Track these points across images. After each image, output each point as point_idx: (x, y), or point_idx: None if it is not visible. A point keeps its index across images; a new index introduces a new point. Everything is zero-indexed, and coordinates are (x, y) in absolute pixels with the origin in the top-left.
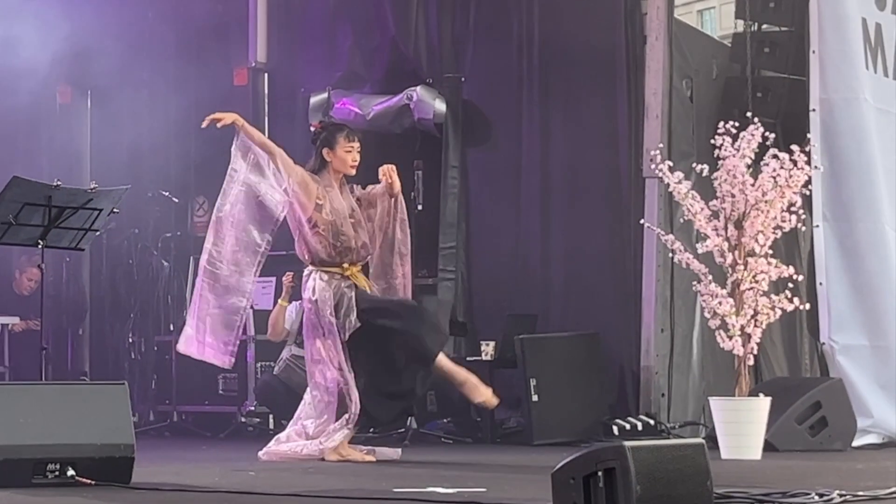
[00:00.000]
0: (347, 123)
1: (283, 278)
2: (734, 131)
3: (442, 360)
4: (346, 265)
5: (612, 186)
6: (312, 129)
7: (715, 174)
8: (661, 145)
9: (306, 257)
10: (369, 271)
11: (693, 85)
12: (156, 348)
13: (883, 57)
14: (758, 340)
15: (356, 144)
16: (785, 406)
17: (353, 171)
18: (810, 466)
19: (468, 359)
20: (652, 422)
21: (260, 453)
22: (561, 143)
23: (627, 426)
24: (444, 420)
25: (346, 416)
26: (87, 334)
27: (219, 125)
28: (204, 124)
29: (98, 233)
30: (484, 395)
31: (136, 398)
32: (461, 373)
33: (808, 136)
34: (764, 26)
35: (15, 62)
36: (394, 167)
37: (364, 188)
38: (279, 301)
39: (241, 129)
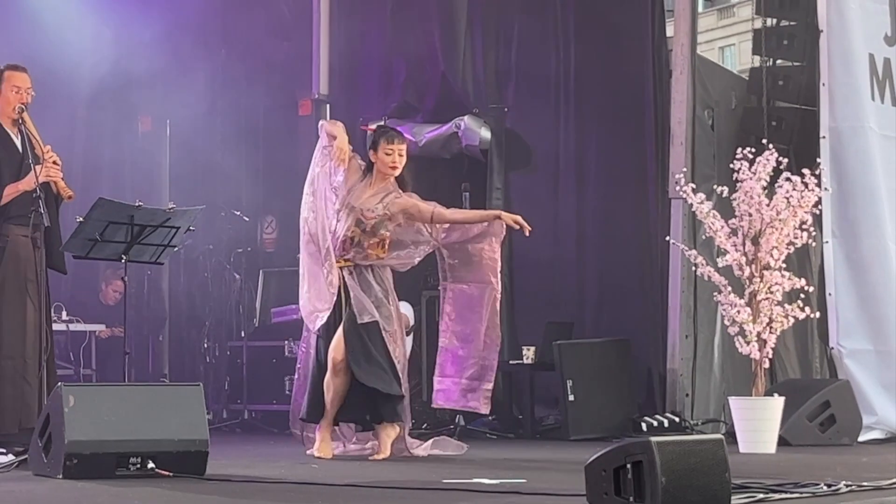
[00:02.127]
0: None
1: None
2: (751, 156)
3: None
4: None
5: (641, 206)
6: (368, 132)
7: (734, 195)
8: (685, 169)
9: None
10: None
11: (714, 115)
12: (228, 353)
13: (891, 88)
14: (773, 345)
15: (397, 146)
16: (797, 405)
17: (394, 172)
18: (820, 460)
19: (511, 362)
20: (676, 419)
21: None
22: (594, 167)
23: (654, 423)
24: (489, 417)
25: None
26: (167, 340)
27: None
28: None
29: (176, 248)
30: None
31: (210, 398)
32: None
33: (818, 160)
34: (778, 61)
35: (102, 95)
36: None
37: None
38: None
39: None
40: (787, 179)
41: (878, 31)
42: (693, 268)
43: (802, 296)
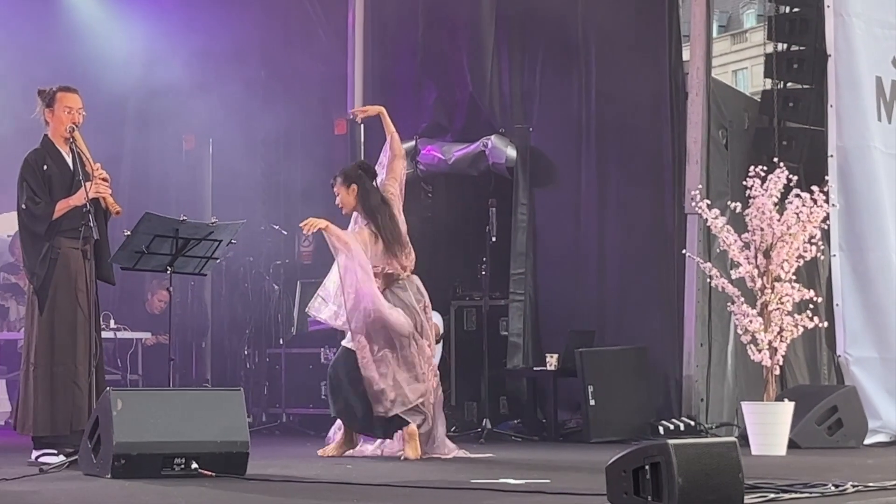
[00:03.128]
0: (432, 167)
1: None
2: (763, 174)
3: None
4: None
5: (658, 221)
6: None
7: (746, 211)
8: (700, 186)
9: None
10: None
11: (728, 134)
12: (267, 359)
13: None
14: (783, 353)
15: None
16: (806, 410)
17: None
18: (828, 461)
19: (535, 368)
20: (692, 423)
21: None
22: (614, 184)
23: (671, 426)
24: (515, 421)
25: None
26: (209, 347)
27: (361, 116)
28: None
29: (218, 260)
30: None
31: (251, 402)
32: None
33: (826, 178)
34: (789, 84)
35: (148, 116)
36: None
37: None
38: None
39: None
40: (797, 196)
41: (886, 56)
42: (708, 279)
43: (811, 306)
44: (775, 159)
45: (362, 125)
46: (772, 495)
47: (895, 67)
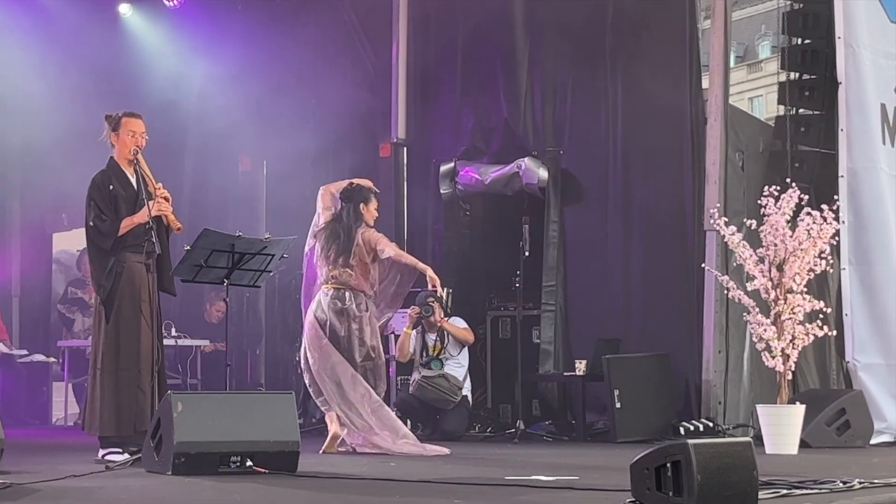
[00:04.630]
0: (470, 187)
1: (409, 310)
2: (776, 194)
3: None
4: None
5: (679, 237)
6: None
7: (761, 228)
8: (718, 205)
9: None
10: None
11: (744, 157)
12: None
13: None
14: (795, 360)
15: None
16: (816, 412)
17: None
18: (836, 460)
19: (565, 374)
20: (710, 424)
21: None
22: (639, 203)
23: (691, 427)
24: (546, 422)
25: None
26: (263, 354)
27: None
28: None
29: (271, 273)
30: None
31: (301, 405)
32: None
33: (836, 197)
34: (801, 110)
35: (207, 139)
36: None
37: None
38: (405, 329)
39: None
40: (808, 214)
41: (889, 84)
42: (725, 291)
43: (821, 316)
44: (788, 180)
45: (405, 149)
46: (784, 491)
47: None
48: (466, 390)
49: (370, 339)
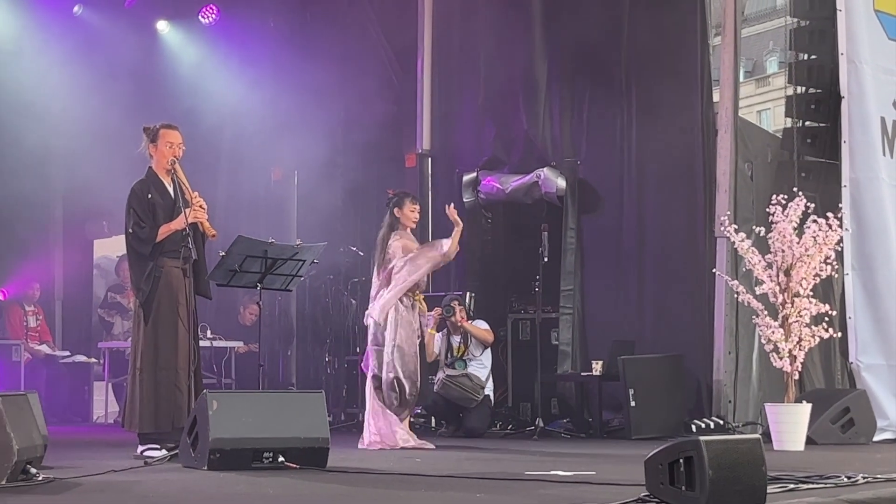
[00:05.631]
0: (491, 196)
1: (433, 312)
2: (784, 202)
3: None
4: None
5: (691, 244)
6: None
7: (769, 235)
8: (728, 213)
9: None
10: None
11: (753, 167)
12: (345, 365)
13: None
14: (801, 360)
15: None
16: (822, 410)
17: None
18: (841, 456)
19: (582, 374)
20: (721, 422)
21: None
22: (652, 211)
23: (702, 425)
24: (564, 420)
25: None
26: (294, 355)
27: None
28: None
29: (302, 278)
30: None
31: (331, 403)
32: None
33: (840, 206)
34: (807, 123)
35: (241, 150)
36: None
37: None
38: (429, 330)
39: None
40: (814, 221)
41: (888, 98)
42: (735, 295)
43: (827, 319)
44: (795, 189)
45: (430, 159)
46: (792, 486)
47: (895, 108)
48: (488, 389)
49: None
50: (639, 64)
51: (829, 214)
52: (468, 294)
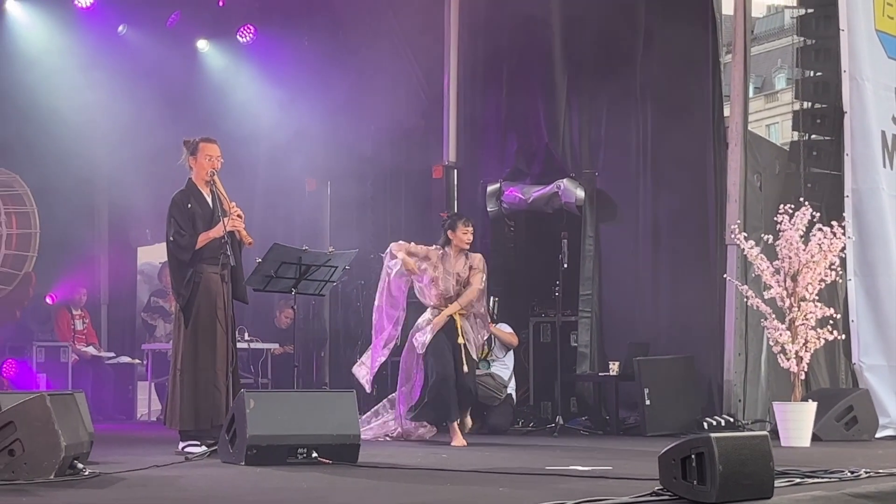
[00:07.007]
0: (514, 206)
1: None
2: (791, 212)
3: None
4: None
5: (703, 251)
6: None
7: (777, 242)
8: (738, 221)
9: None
10: None
11: (761, 178)
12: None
13: None
14: (807, 361)
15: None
16: (827, 408)
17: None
18: (845, 452)
19: (600, 374)
20: (731, 420)
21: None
22: (666, 220)
23: (713, 422)
24: (583, 418)
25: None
26: (327, 356)
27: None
28: None
29: (335, 283)
30: None
31: (362, 402)
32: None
33: (844, 215)
34: (813, 136)
35: (277, 161)
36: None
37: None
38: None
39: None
40: (820, 230)
41: (888, 113)
42: (745, 299)
43: (831, 322)
44: (801, 199)
45: (455, 171)
46: (798, 480)
47: (894, 123)
48: (511, 389)
49: None
50: (654, 80)
51: (834, 223)
52: (492, 298)
